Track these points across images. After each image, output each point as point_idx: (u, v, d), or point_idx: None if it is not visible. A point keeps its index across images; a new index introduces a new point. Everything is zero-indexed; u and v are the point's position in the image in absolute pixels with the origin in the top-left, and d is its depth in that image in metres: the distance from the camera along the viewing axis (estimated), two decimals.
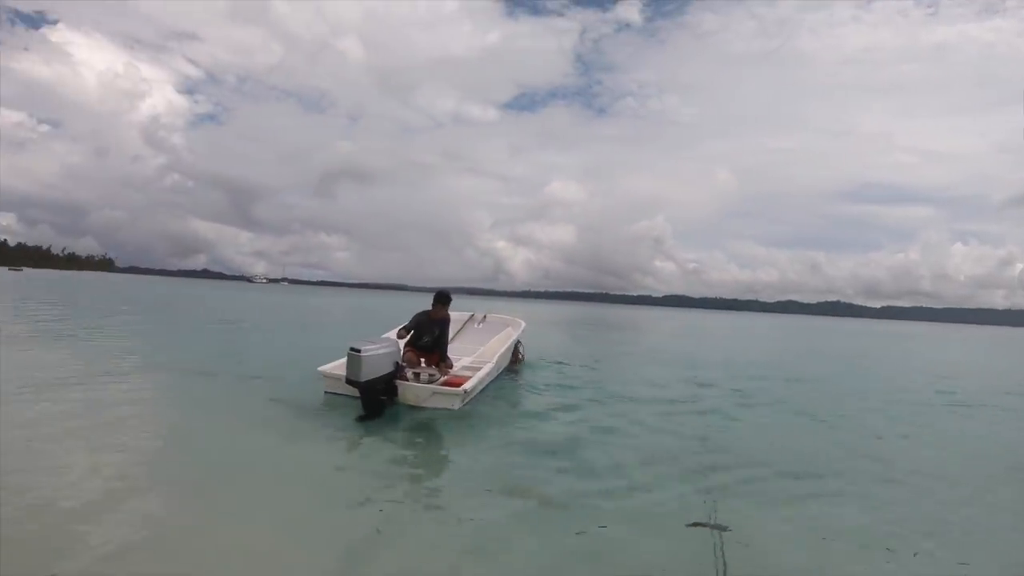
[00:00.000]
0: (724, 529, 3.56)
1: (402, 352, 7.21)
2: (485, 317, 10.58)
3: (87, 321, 15.50)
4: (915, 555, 3.46)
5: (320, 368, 6.90)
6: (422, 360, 7.40)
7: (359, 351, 5.76)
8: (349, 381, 5.88)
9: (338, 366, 6.30)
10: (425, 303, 7.65)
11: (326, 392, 6.79)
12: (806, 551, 3.46)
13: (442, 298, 7.48)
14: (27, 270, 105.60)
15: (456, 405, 6.41)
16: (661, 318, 59.73)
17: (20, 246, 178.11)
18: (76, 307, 21.21)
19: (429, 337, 7.46)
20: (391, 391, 6.31)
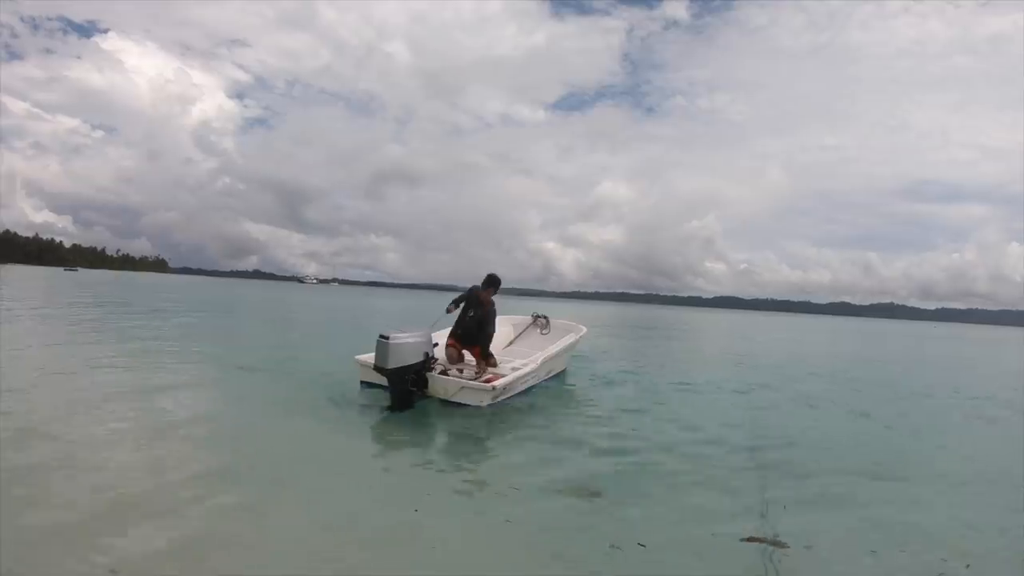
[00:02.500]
0: (783, 545, 3.19)
1: (445, 347, 7.22)
2: (548, 323, 10.41)
3: (152, 320, 16.38)
4: (968, 566, 3.15)
5: (357, 357, 6.98)
6: (464, 353, 7.30)
7: (387, 338, 5.78)
8: (377, 368, 5.89)
9: (373, 357, 6.26)
10: None
11: (362, 382, 6.85)
12: (874, 571, 3.09)
13: (492, 280, 7.34)
14: (82, 270, 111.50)
15: (485, 402, 6.28)
16: (711, 319, 58.19)
17: (76, 247, 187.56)
18: (148, 308, 22.31)
19: (472, 312, 7.23)
20: (421, 383, 6.25)
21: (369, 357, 6.53)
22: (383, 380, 6.05)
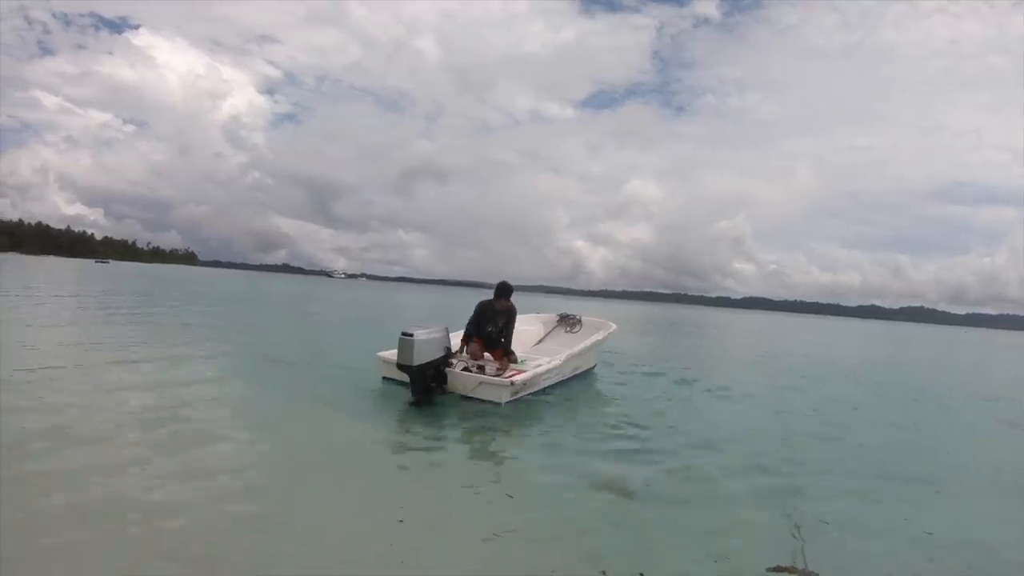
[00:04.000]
0: None
1: (468, 343, 7.17)
2: (579, 321, 10.24)
3: (180, 311, 16.91)
4: None
5: (379, 353, 7.01)
6: (486, 353, 7.18)
7: (411, 335, 5.75)
8: (400, 366, 5.87)
9: (395, 353, 6.19)
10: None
11: (383, 377, 6.93)
12: None
13: (504, 290, 7.22)
14: (112, 262, 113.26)
15: (504, 398, 6.18)
16: (740, 320, 57.05)
17: (107, 239, 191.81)
18: (176, 300, 23.19)
19: (493, 327, 7.23)
20: (440, 378, 6.26)
21: (391, 353, 6.50)
22: (404, 376, 6.03)
